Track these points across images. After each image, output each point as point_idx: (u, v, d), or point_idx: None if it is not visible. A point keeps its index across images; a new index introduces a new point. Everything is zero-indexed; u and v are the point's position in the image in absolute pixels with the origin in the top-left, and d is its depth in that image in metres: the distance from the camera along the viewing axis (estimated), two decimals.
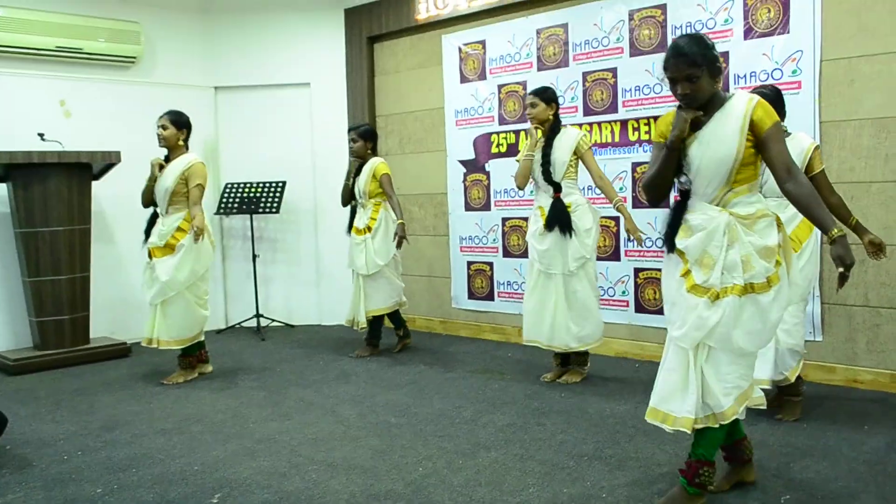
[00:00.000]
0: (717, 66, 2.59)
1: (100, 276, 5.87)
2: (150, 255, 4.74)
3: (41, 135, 5.41)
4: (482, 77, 5.86)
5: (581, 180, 4.53)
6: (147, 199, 4.82)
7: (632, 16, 4.99)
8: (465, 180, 6.04)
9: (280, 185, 6.50)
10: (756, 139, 2.56)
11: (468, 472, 3.15)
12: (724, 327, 2.56)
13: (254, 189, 6.53)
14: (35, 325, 5.43)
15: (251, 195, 6.50)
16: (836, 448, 3.30)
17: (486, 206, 5.92)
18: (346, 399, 4.35)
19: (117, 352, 5.65)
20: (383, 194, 5.28)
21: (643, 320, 5.11)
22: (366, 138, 5.32)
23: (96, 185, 5.72)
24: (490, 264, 5.94)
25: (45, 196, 5.30)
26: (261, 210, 6.42)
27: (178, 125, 4.74)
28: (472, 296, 6.10)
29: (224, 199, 6.55)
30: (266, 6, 6.62)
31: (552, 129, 4.42)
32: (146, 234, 4.80)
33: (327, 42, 6.70)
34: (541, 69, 5.48)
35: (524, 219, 5.66)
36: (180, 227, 4.68)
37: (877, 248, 3.30)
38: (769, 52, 4.41)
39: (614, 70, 5.10)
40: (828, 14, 4.23)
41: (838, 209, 3.42)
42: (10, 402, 4.45)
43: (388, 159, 5.48)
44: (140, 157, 5.63)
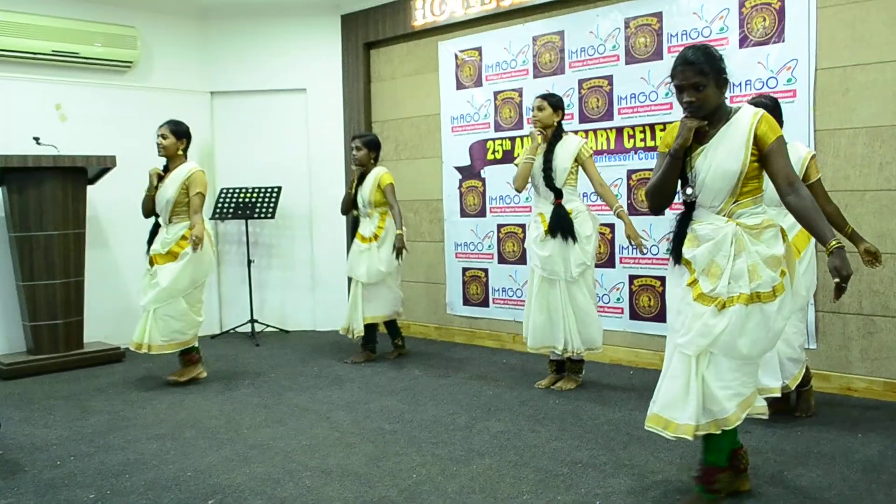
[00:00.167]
0: (724, 77, 2.62)
1: (94, 280, 5.86)
2: (151, 261, 4.74)
3: (36, 139, 5.41)
4: (478, 84, 5.87)
5: (579, 187, 4.54)
6: (148, 209, 4.82)
7: (628, 24, 5.01)
8: (460, 186, 6.05)
9: (275, 190, 6.50)
10: (760, 153, 2.59)
11: (462, 479, 3.14)
12: (729, 335, 2.57)
13: (249, 194, 6.53)
14: (29, 329, 5.41)
15: (247, 200, 6.49)
16: (830, 456, 3.31)
17: (482, 213, 5.93)
18: (340, 405, 4.34)
19: (111, 357, 5.63)
20: (388, 203, 5.28)
21: (638, 327, 5.11)
22: (370, 147, 5.31)
23: (91, 189, 5.71)
24: (485, 271, 5.95)
25: (39, 200, 5.29)
26: (256, 215, 6.42)
27: (177, 135, 4.73)
28: (467, 302, 6.10)
29: (219, 204, 6.54)
30: (263, 12, 6.63)
31: (555, 135, 4.43)
32: (149, 244, 4.80)
33: (324, 48, 6.71)
34: (537, 76, 5.49)
35: (520, 225, 5.67)
36: (184, 236, 4.68)
37: (872, 257, 3.32)
38: (764, 60, 4.43)
39: (610, 77, 5.12)
40: (822, 23, 4.25)
41: (834, 218, 3.44)
42: (2, 407, 4.44)
43: (383, 165, 5.48)
44: (135, 161, 5.66)
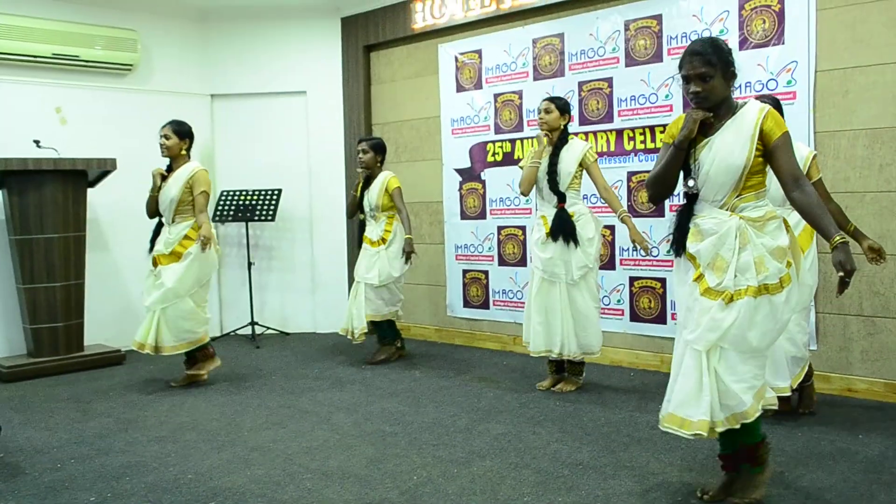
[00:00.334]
0: (732, 70, 2.64)
1: (94, 283, 5.86)
2: (154, 262, 4.74)
3: (37, 142, 5.42)
4: (478, 86, 5.87)
5: (582, 189, 4.54)
6: (151, 209, 4.83)
7: (627, 26, 5.02)
8: (460, 189, 6.05)
9: (276, 192, 6.50)
10: (765, 148, 2.60)
11: (463, 481, 3.14)
12: (738, 329, 2.58)
13: (249, 197, 6.53)
14: (29, 332, 5.41)
15: (247, 203, 6.49)
16: (831, 456, 3.31)
17: (482, 215, 5.93)
18: (340, 407, 4.34)
19: (111, 359, 5.63)
20: (395, 207, 5.29)
21: (638, 329, 5.11)
22: (376, 150, 5.33)
23: (91, 192, 5.71)
24: (485, 272, 5.95)
25: (40, 203, 5.30)
26: (256, 218, 6.42)
27: (180, 135, 4.75)
28: (467, 304, 6.10)
29: (220, 207, 6.55)
30: (263, 14, 6.64)
31: (560, 139, 4.44)
32: (151, 244, 4.81)
33: (324, 51, 6.72)
34: (537, 79, 5.50)
35: (520, 227, 5.67)
36: (187, 236, 4.69)
37: (876, 253, 3.34)
38: (764, 62, 4.44)
39: (610, 80, 5.12)
40: (822, 25, 4.26)
41: (836, 216, 3.46)
42: (3, 410, 4.44)
43: (386, 168, 5.47)
44: (136, 164, 5.67)
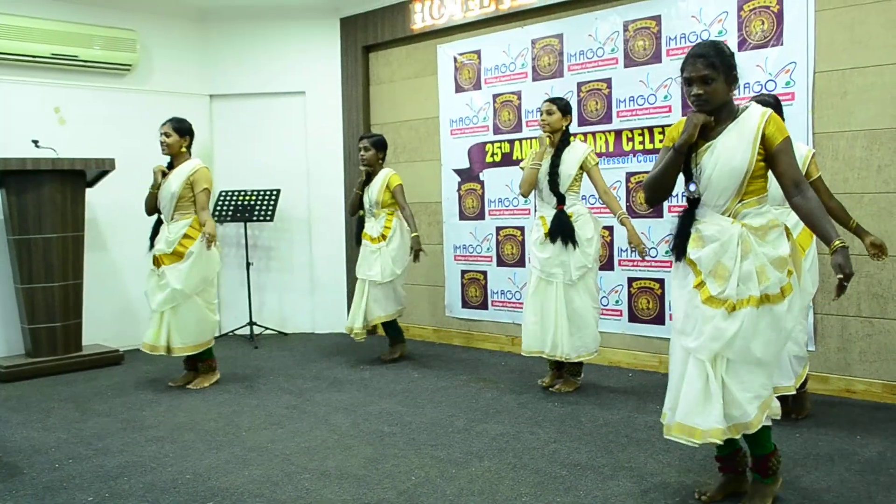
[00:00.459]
0: (734, 74, 2.62)
1: (92, 283, 5.85)
2: (156, 262, 4.71)
3: (35, 142, 5.41)
4: (477, 87, 5.88)
5: (582, 189, 4.54)
6: (150, 206, 4.81)
7: (626, 27, 5.02)
8: (459, 189, 6.05)
9: (274, 193, 6.50)
10: (767, 153, 2.59)
11: (461, 482, 3.14)
12: (742, 339, 2.56)
13: (248, 197, 6.53)
14: (27, 332, 5.41)
15: (245, 203, 6.49)
16: (829, 457, 3.31)
17: (481, 216, 5.93)
18: (338, 407, 4.34)
19: (110, 359, 5.62)
20: (395, 204, 5.29)
21: (636, 330, 5.11)
22: (378, 147, 5.34)
23: (90, 192, 5.71)
24: (484, 273, 5.95)
25: (38, 203, 5.29)
26: (255, 218, 6.42)
27: (180, 132, 4.74)
28: (465, 304, 6.10)
29: (218, 207, 6.54)
30: (262, 15, 6.64)
31: (562, 140, 4.44)
32: (151, 241, 4.79)
33: (323, 51, 6.72)
34: (536, 79, 5.50)
35: (519, 228, 5.67)
36: (187, 234, 4.67)
37: (878, 249, 3.33)
38: (763, 63, 4.44)
39: (609, 80, 5.12)
40: (821, 27, 4.26)
41: (838, 213, 3.46)
42: (1, 410, 4.43)
43: (387, 167, 5.47)
44: (134, 164, 5.67)
